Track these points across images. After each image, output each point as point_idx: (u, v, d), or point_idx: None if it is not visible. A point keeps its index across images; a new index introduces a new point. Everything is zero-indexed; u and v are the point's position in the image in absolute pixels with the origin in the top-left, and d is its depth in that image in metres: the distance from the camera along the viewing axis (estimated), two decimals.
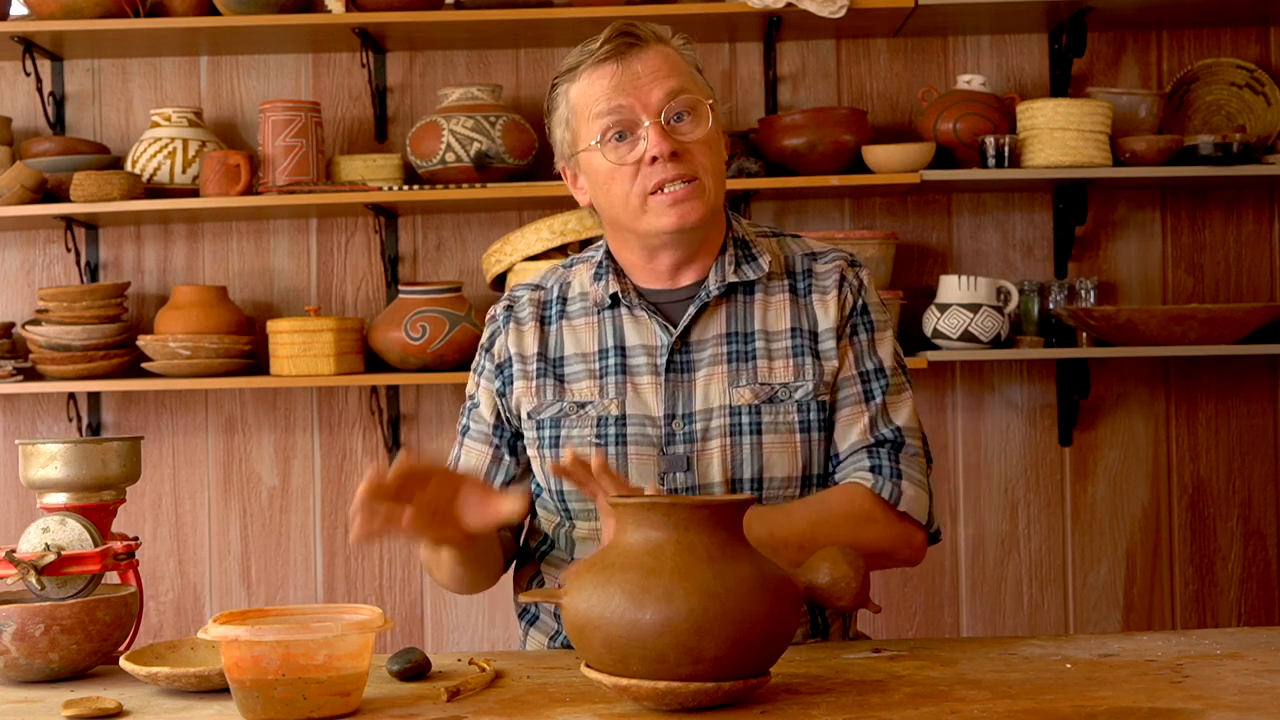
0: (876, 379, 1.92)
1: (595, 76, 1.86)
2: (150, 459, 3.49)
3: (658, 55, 1.86)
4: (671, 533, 1.45)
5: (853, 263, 1.97)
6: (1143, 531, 3.52)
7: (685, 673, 1.41)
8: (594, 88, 1.85)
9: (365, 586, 3.53)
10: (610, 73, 1.84)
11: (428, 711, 1.49)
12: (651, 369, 1.90)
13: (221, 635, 1.46)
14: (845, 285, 1.94)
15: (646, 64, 1.85)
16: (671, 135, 1.83)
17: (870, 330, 1.94)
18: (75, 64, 3.54)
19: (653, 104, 1.83)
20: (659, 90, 1.84)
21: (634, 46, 1.85)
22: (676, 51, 1.89)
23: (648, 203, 1.85)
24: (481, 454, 1.99)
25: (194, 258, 3.55)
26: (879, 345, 1.94)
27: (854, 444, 1.90)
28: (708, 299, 1.90)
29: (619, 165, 1.85)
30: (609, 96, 1.84)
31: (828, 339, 1.92)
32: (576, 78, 1.87)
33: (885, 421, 1.91)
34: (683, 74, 1.87)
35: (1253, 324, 3.24)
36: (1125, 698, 1.48)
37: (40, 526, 1.77)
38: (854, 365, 1.92)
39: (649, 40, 1.86)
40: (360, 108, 3.53)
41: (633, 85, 1.84)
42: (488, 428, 1.99)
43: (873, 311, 1.95)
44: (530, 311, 1.99)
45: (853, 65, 3.52)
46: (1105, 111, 3.25)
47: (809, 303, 1.93)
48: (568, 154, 1.92)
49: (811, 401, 1.89)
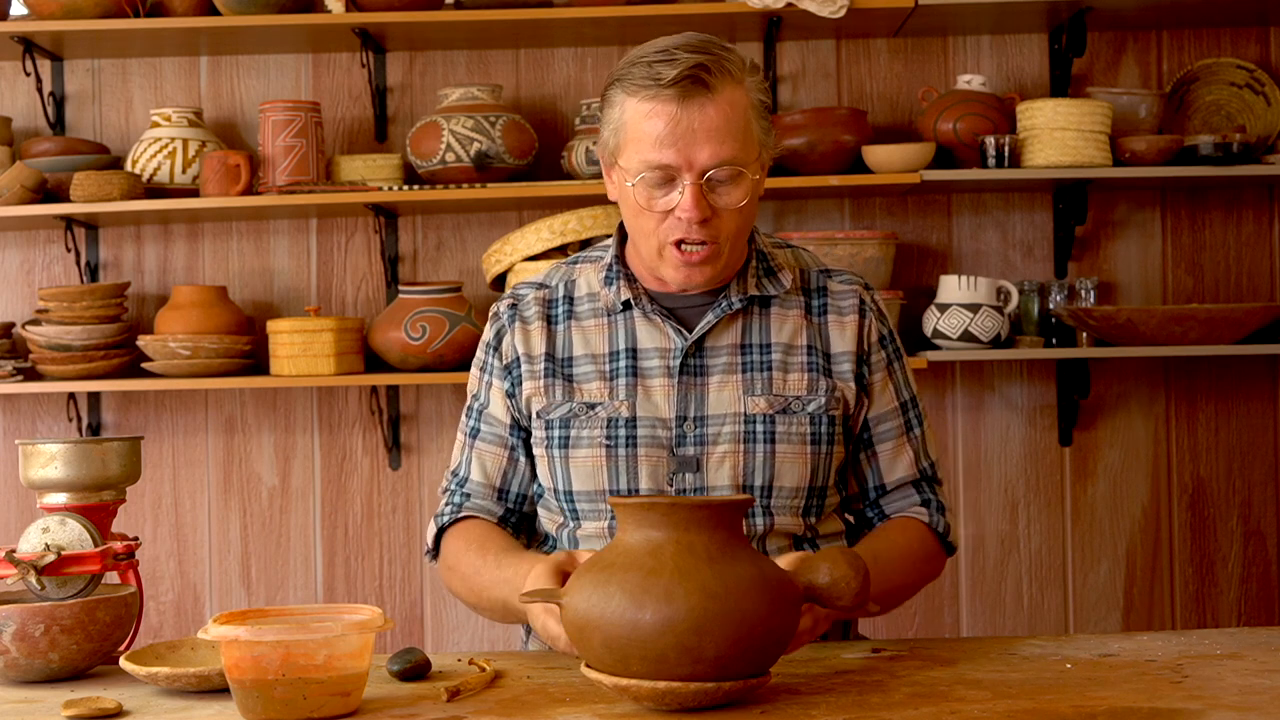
0: (913, 409, 2.00)
1: (653, 110, 1.80)
2: (150, 459, 3.49)
3: (720, 109, 1.80)
4: (671, 533, 1.45)
5: (867, 286, 2.01)
6: (1143, 531, 3.52)
7: (685, 673, 1.42)
8: (648, 123, 1.80)
9: (365, 586, 3.53)
10: (669, 116, 1.79)
11: (428, 711, 1.50)
12: (664, 371, 1.90)
13: (221, 635, 1.46)
14: (866, 311, 1.97)
15: (706, 118, 1.79)
16: (707, 197, 1.81)
17: (900, 359, 2.00)
18: (75, 64, 3.54)
19: (698, 165, 1.80)
20: (708, 153, 1.80)
21: (700, 93, 1.79)
22: (746, 95, 1.84)
23: (668, 251, 1.85)
24: (497, 457, 1.98)
25: (194, 258, 3.55)
26: (909, 374, 2.02)
27: (902, 478, 1.99)
28: (729, 309, 1.91)
29: (649, 208, 1.83)
30: (658, 145, 1.80)
31: (843, 361, 1.94)
32: (636, 94, 1.81)
33: (925, 455, 2.00)
34: (738, 134, 1.81)
35: (1252, 324, 3.24)
36: (1125, 698, 1.49)
37: (40, 526, 1.77)
38: (894, 397, 1.98)
39: (717, 87, 1.80)
40: (360, 108, 3.53)
41: (686, 140, 1.79)
42: (503, 429, 1.97)
43: (896, 339, 2.01)
44: (536, 310, 1.98)
45: (853, 65, 3.52)
46: (1105, 111, 3.25)
47: (824, 323, 1.95)
48: (609, 158, 1.90)
49: (823, 415, 1.91)
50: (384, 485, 3.54)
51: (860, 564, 1.50)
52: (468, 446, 2.00)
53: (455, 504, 1.99)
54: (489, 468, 1.98)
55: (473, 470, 1.99)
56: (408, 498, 3.53)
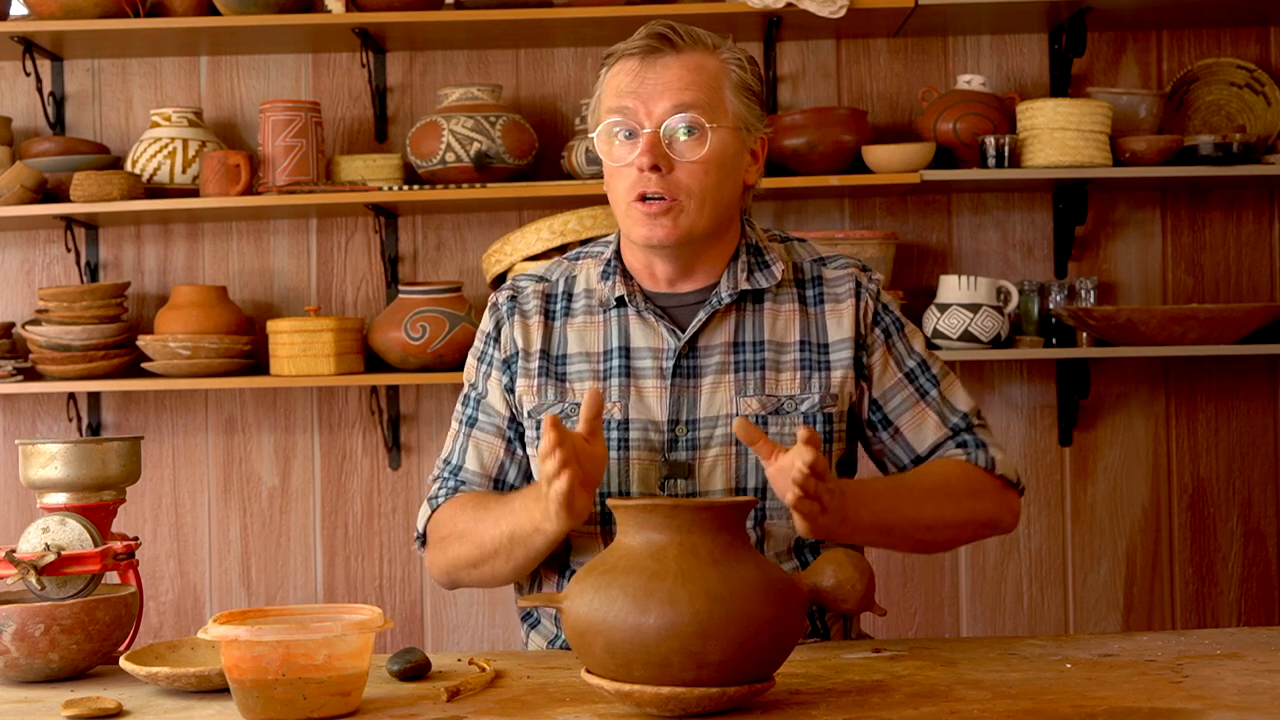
0: (923, 373, 1.96)
1: (620, 69, 1.87)
2: (150, 459, 3.49)
3: (684, 64, 1.85)
4: (674, 535, 1.44)
5: (864, 268, 1.98)
6: (1143, 531, 3.52)
7: (689, 678, 1.40)
8: (615, 80, 1.87)
9: (365, 586, 3.53)
10: (632, 70, 1.86)
11: (428, 711, 1.49)
12: (657, 372, 1.90)
13: (221, 635, 1.46)
14: (862, 292, 1.95)
15: (667, 71, 1.84)
16: (666, 150, 1.83)
17: (900, 330, 1.97)
18: (75, 64, 3.54)
19: (656, 114, 1.83)
20: (667, 101, 1.83)
21: (662, 50, 1.85)
22: (720, 64, 1.87)
23: (632, 208, 1.86)
24: (495, 448, 1.96)
25: (194, 258, 3.55)
26: (912, 341, 1.97)
27: (934, 442, 1.95)
28: (719, 305, 1.90)
29: (618, 165, 1.86)
30: (620, 95, 1.85)
31: (841, 349, 1.92)
32: (611, 64, 1.89)
33: (952, 411, 1.96)
34: (702, 90, 1.84)
35: (1253, 324, 3.24)
36: (1125, 698, 1.49)
37: (40, 526, 1.77)
38: (897, 369, 1.95)
39: (682, 47, 1.85)
40: (360, 108, 3.53)
41: (645, 90, 1.84)
42: (501, 420, 1.96)
43: (894, 311, 1.98)
44: (536, 305, 1.97)
45: (853, 65, 3.52)
46: (1105, 111, 3.25)
47: (819, 312, 1.94)
48: (590, 135, 1.94)
49: (818, 414, 1.90)
50: (384, 485, 3.54)
51: (865, 566, 1.50)
52: (463, 435, 1.98)
53: (450, 489, 1.96)
54: (485, 458, 1.97)
55: (468, 459, 1.97)
56: (408, 498, 3.53)
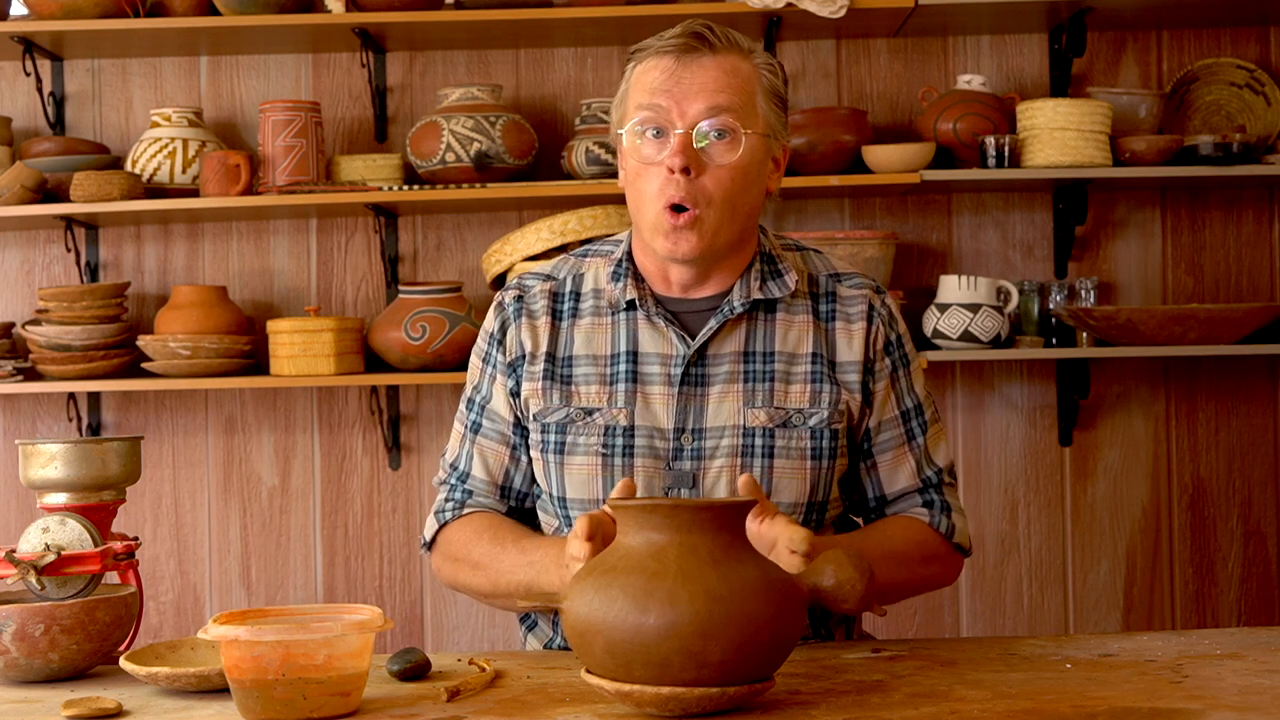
0: (916, 417, 1.95)
1: (653, 66, 1.84)
2: (150, 459, 3.49)
3: (720, 67, 1.82)
4: (674, 535, 1.44)
5: (879, 290, 1.96)
6: (1143, 531, 3.52)
7: (689, 678, 1.40)
8: (647, 76, 1.84)
9: (365, 586, 3.53)
10: (666, 68, 1.82)
11: (428, 711, 1.49)
12: (665, 379, 1.88)
13: (221, 635, 1.46)
14: (875, 317, 1.92)
15: (704, 72, 1.81)
16: (697, 153, 1.80)
17: (906, 366, 1.95)
18: (75, 64, 3.54)
19: (690, 114, 1.80)
20: (702, 102, 1.80)
21: (699, 50, 1.82)
22: (754, 69, 1.85)
23: (661, 218, 1.82)
24: (500, 455, 1.95)
25: (194, 258, 3.55)
26: (915, 380, 1.96)
27: (903, 489, 1.94)
28: (731, 314, 1.87)
29: (645, 164, 1.83)
30: (653, 92, 1.82)
31: (850, 371, 1.90)
32: (642, 60, 1.86)
33: (929, 463, 1.95)
34: (736, 93, 1.82)
35: (1252, 324, 3.24)
36: (1125, 698, 1.48)
37: (40, 526, 1.77)
38: (895, 406, 1.93)
39: (719, 48, 1.82)
40: (360, 108, 3.53)
41: (680, 88, 1.81)
42: (505, 426, 1.95)
43: (905, 345, 1.96)
44: (543, 304, 1.95)
45: (853, 65, 3.52)
46: (1105, 111, 3.25)
47: (831, 329, 1.91)
48: (615, 131, 1.91)
49: (825, 429, 1.88)
50: (384, 485, 3.54)
51: (865, 566, 1.50)
52: (468, 441, 1.97)
53: (458, 500, 1.96)
54: (491, 465, 1.95)
55: (474, 466, 1.96)
56: (408, 498, 3.53)
